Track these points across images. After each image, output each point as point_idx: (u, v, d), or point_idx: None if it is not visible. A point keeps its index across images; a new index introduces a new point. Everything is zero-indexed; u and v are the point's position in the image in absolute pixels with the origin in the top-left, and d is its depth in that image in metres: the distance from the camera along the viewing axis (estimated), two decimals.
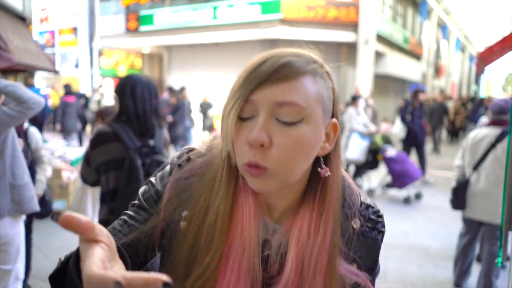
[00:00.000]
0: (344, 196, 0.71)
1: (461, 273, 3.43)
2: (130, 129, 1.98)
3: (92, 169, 2.02)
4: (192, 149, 0.75)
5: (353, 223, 0.71)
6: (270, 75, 0.59)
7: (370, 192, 6.64)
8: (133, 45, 17.73)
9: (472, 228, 3.29)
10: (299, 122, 0.61)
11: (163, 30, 16.18)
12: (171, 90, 9.60)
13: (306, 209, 0.67)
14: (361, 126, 6.61)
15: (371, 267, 0.73)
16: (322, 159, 0.68)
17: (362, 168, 6.59)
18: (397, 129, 9.20)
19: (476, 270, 3.46)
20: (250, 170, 0.61)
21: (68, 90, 9.29)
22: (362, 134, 6.50)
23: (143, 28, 16.69)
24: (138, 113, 2.00)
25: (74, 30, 19.57)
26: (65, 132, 8.77)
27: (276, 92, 0.60)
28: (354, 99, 7.05)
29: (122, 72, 20.46)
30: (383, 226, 0.75)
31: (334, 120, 0.68)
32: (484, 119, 4.60)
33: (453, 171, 3.48)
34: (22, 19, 6.72)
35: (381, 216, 0.75)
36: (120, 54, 20.20)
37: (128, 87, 2.03)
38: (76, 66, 19.70)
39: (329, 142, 0.67)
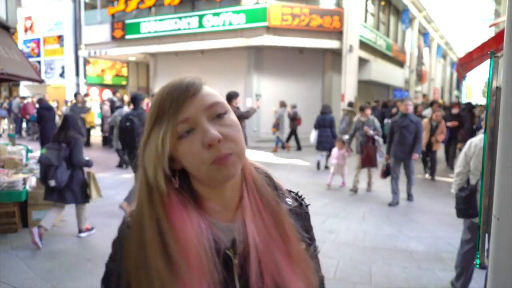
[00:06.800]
0: (271, 180, 0.87)
1: (466, 279, 3.43)
2: None
3: None
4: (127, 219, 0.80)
5: (288, 201, 0.87)
6: (185, 94, 0.73)
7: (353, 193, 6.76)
8: (119, 53, 17.66)
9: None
10: (226, 113, 0.76)
11: (149, 38, 16.18)
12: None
13: (244, 194, 0.79)
14: None
15: (311, 236, 0.89)
16: None
17: None
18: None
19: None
20: (221, 161, 0.71)
21: None
22: None
23: (129, 36, 16.66)
24: None
25: (60, 39, 19.42)
26: None
27: (200, 102, 0.74)
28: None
29: (108, 80, 20.34)
30: (305, 201, 0.94)
31: None
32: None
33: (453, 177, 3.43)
34: (6, 28, 6.67)
35: (301, 196, 0.94)
36: (106, 63, 20.09)
37: None
38: (62, 75, 19.52)
39: None
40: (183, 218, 0.72)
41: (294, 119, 12.48)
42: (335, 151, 7.54)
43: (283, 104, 12.36)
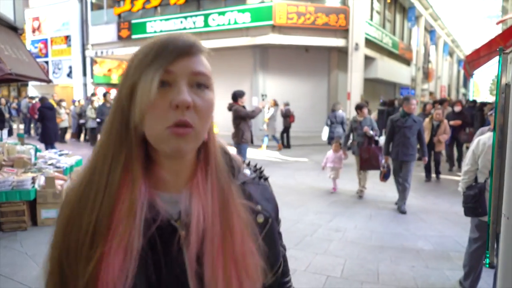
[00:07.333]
0: (229, 155, 0.84)
1: (475, 278, 3.40)
2: None
3: None
4: None
5: (245, 172, 0.85)
6: (186, 50, 0.70)
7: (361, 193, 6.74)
8: (126, 53, 17.76)
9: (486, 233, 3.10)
10: (208, 88, 0.73)
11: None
12: None
13: (198, 173, 0.75)
14: None
15: (272, 209, 0.85)
16: None
17: None
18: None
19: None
20: (177, 130, 0.67)
21: None
22: None
23: (135, 36, 16.74)
24: None
25: (67, 39, 19.56)
26: None
27: (192, 64, 0.71)
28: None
29: (115, 79, 20.45)
30: (264, 174, 0.91)
31: None
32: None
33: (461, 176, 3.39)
34: (14, 29, 6.73)
35: (260, 168, 0.92)
36: (112, 62, 20.19)
37: None
38: (69, 75, 19.66)
39: None
40: (130, 178, 0.69)
41: (287, 116, 12.64)
42: (330, 153, 7.09)
43: (275, 103, 12.49)
